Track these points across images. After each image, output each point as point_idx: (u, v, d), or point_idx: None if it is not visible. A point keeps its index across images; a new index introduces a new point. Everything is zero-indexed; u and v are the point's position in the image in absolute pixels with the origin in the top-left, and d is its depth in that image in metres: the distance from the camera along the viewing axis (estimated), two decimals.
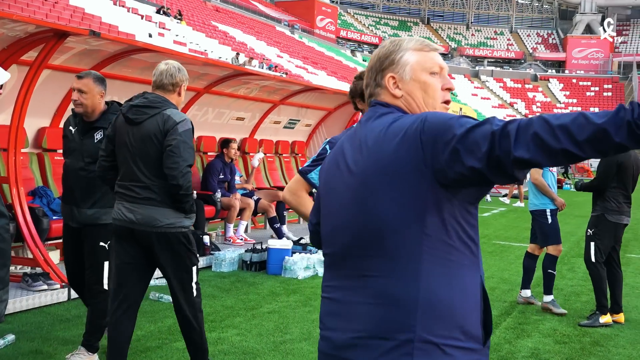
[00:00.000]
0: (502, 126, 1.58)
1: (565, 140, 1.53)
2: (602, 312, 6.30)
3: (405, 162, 1.70)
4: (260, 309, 6.33)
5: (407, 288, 1.71)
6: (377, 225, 1.75)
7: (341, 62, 60.31)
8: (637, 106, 1.49)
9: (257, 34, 50.72)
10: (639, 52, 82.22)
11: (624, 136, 1.48)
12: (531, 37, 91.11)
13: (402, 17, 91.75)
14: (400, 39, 1.97)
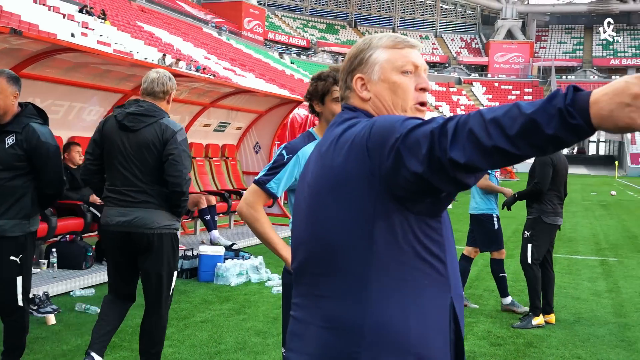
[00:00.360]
0: (442, 124, 1.42)
1: (497, 136, 1.33)
2: (534, 314, 6.38)
3: (352, 172, 1.56)
4: (192, 318, 6.15)
5: (354, 312, 1.56)
6: (327, 241, 1.61)
7: (269, 64, 60.14)
8: (572, 90, 1.30)
9: (184, 35, 50.02)
10: (557, 57, 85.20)
11: (557, 126, 1.28)
12: (455, 41, 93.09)
13: (329, 20, 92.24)
14: (373, 36, 1.83)
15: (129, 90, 9.01)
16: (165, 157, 4.11)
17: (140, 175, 4.14)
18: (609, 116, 1.25)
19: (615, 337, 6.10)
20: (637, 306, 7.36)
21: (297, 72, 64.29)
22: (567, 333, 6.20)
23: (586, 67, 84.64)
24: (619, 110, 1.24)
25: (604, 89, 1.27)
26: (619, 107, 1.24)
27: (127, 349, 5.15)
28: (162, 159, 4.12)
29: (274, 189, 3.00)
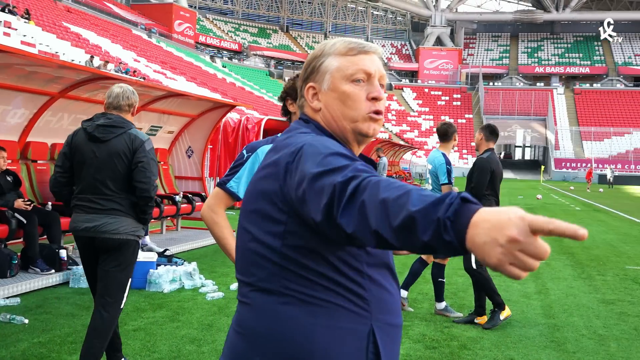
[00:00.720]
0: (345, 181, 1.32)
1: (381, 221, 1.24)
2: (500, 309, 6.55)
3: (269, 187, 1.55)
4: (124, 326, 5.98)
5: (259, 320, 1.56)
6: (244, 251, 1.63)
7: (200, 67, 59.58)
8: (459, 202, 1.17)
9: (112, 36, 49.05)
10: (485, 64, 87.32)
11: (431, 235, 1.18)
12: (386, 47, 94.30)
13: (261, 24, 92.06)
14: (328, 41, 1.76)
15: (56, 92, 8.75)
16: (134, 164, 4.32)
17: (110, 183, 4.33)
18: (480, 247, 1.13)
19: (545, 338, 6.24)
20: (565, 307, 7.56)
21: (229, 76, 63.90)
22: (499, 335, 6.31)
23: (512, 74, 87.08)
24: (490, 246, 1.12)
25: (488, 215, 1.14)
26: (491, 243, 1.11)
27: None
28: (132, 167, 4.33)
29: (234, 188, 2.96)
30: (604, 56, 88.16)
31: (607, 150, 69.31)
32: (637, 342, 6.19)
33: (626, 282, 9.33)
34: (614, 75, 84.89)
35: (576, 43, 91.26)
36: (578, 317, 7.09)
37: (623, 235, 15.61)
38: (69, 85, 8.79)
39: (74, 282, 7.52)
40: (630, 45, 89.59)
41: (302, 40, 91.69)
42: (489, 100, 78.77)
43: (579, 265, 10.68)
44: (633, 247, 13.44)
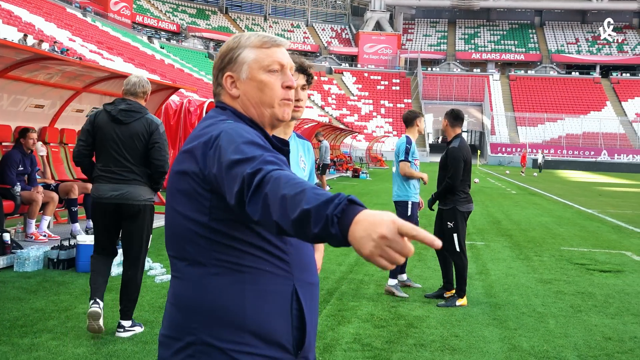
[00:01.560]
0: (251, 173, 1.51)
1: (280, 214, 1.43)
2: (459, 296, 6.86)
3: (191, 169, 1.70)
4: (74, 309, 5.94)
5: (191, 291, 1.71)
6: (173, 228, 1.77)
7: (138, 48, 58.50)
8: (345, 203, 1.39)
9: (46, 14, 47.65)
10: (423, 50, 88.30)
11: (320, 229, 1.38)
12: (326, 31, 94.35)
13: (200, 4, 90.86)
14: (242, 34, 1.90)
15: None
16: (151, 144, 5.14)
17: (130, 158, 5.13)
18: (357, 240, 1.34)
19: (487, 316, 6.48)
20: (505, 287, 7.84)
21: (168, 57, 62.93)
22: (444, 313, 6.52)
23: (450, 60, 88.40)
24: (365, 240, 1.33)
25: (369, 215, 1.35)
26: (367, 237, 1.33)
27: (6, 344, 4.91)
28: (148, 146, 5.15)
29: None
30: (538, 44, 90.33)
31: (541, 135, 71.23)
32: (574, 318, 6.49)
33: (562, 262, 9.72)
34: (548, 62, 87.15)
35: (511, 30, 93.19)
36: (518, 296, 7.37)
37: (557, 218, 16.16)
38: (10, 65, 8.57)
39: (19, 266, 7.40)
40: (563, 34, 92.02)
41: (241, 22, 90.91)
42: (428, 85, 79.85)
43: (517, 247, 11.04)
44: (567, 229, 13.96)
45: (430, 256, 9.71)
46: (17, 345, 4.87)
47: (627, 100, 77.36)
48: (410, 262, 9.12)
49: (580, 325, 6.26)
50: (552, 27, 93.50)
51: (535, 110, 75.50)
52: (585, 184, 35.09)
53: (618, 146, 68.22)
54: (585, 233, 13.36)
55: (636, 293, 7.78)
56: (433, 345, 5.45)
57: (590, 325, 6.28)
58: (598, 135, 69.63)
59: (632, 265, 9.65)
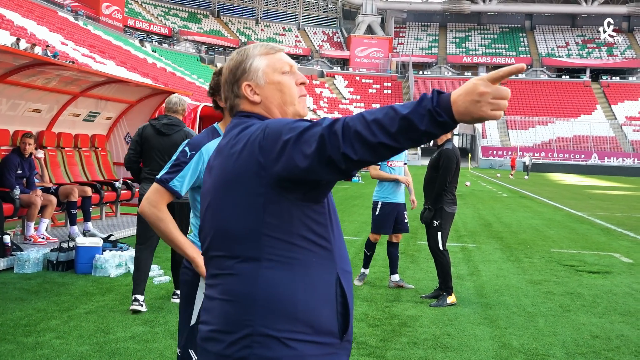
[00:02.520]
0: (329, 126, 1.67)
1: (380, 134, 1.61)
2: (448, 294, 7.04)
3: (244, 167, 1.81)
4: (76, 310, 6.08)
5: (246, 287, 1.80)
6: (224, 228, 1.87)
7: (130, 51, 58.48)
8: (437, 94, 1.60)
9: (38, 18, 47.59)
10: (415, 53, 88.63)
11: (428, 124, 1.58)
12: (317, 34, 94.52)
13: (192, 8, 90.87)
14: (246, 47, 2.06)
15: None
16: None
17: None
18: (465, 111, 1.59)
19: (479, 315, 6.65)
20: (496, 287, 8.02)
21: (159, 61, 62.94)
22: (436, 313, 6.69)
23: (441, 63, 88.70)
24: (472, 105, 1.58)
25: (459, 91, 1.60)
26: (471, 103, 1.58)
27: (11, 342, 5.05)
28: None
29: (178, 187, 2.98)
30: (529, 47, 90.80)
31: (532, 138, 71.59)
32: (562, 318, 6.67)
33: (551, 263, 9.91)
34: (538, 66, 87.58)
35: (502, 34, 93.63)
36: (508, 296, 7.55)
37: (547, 221, 16.37)
38: (9, 71, 8.69)
39: (19, 268, 7.53)
40: (554, 37, 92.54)
41: (233, 25, 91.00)
42: (419, 88, 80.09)
43: (507, 249, 11.23)
44: (557, 231, 14.16)
45: (422, 258, 9.88)
46: (22, 344, 5.01)
47: (617, 104, 77.87)
48: (403, 264, 9.30)
49: (569, 324, 6.44)
50: (542, 31, 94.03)
51: (526, 114, 75.88)
52: (576, 187, 35.38)
53: (608, 149, 68.66)
54: (575, 235, 13.56)
55: (623, 293, 7.97)
56: (426, 343, 5.62)
57: (578, 324, 6.46)
58: (588, 139, 70.06)
59: (620, 267, 9.86)
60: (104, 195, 10.68)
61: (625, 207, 22.35)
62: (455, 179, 7.23)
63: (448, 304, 6.99)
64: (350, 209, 17.36)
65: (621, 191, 33.48)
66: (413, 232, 12.88)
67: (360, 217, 15.30)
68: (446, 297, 7.05)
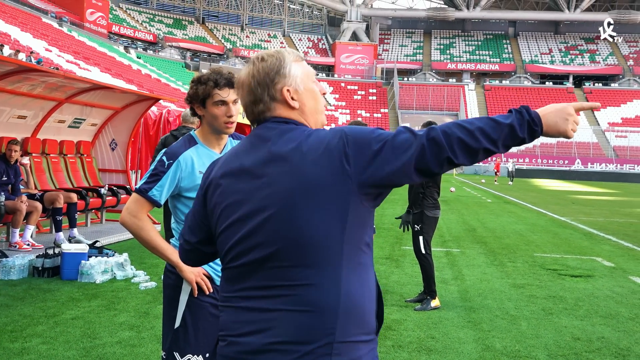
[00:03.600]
0: (426, 135, 1.81)
1: (484, 140, 1.82)
2: (432, 297, 7.16)
3: (328, 175, 1.79)
4: (62, 315, 6.09)
5: (329, 295, 1.78)
6: (302, 237, 1.80)
7: (114, 58, 58.34)
8: (529, 109, 1.88)
9: (22, 24, 47.40)
10: (399, 60, 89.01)
11: (526, 132, 1.84)
12: (302, 41, 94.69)
13: (177, 15, 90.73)
14: (279, 51, 2.03)
15: None
16: None
17: None
18: (554, 125, 1.90)
19: (462, 319, 6.73)
20: (480, 291, 8.10)
21: (144, 67, 62.81)
22: (421, 316, 6.76)
23: (426, 70, 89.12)
24: (561, 121, 1.90)
25: (547, 108, 1.92)
26: (562, 120, 1.90)
27: None
28: None
29: (157, 197, 2.97)
30: (512, 54, 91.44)
31: None
32: (545, 321, 6.76)
33: (534, 268, 10.02)
34: (522, 72, 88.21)
35: (486, 41, 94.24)
36: (492, 300, 7.63)
37: (531, 226, 16.52)
38: None
39: (4, 274, 7.52)
40: (537, 44, 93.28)
41: (218, 32, 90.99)
42: (404, 95, 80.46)
43: (491, 254, 11.33)
44: (540, 236, 14.30)
45: (407, 263, 9.96)
46: (8, 350, 5.03)
47: (599, 110, 78.59)
48: (388, 268, 9.37)
49: (551, 326, 6.54)
50: (525, 38, 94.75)
51: None
52: (559, 193, 35.66)
53: (591, 155, 69.24)
54: (558, 240, 13.70)
55: (604, 296, 8.08)
56: (410, 346, 5.69)
57: (560, 326, 6.55)
58: (572, 145, 70.61)
59: (602, 270, 9.98)
60: (90, 202, 10.68)
61: (608, 212, 22.58)
62: (436, 183, 7.35)
63: (432, 308, 7.07)
64: None
65: (603, 196, 33.79)
66: (398, 237, 12.96)
67: None
68: (430, 300, 7.15)
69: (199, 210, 2.06)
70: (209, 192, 2.01)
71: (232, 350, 1.88)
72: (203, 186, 2.05)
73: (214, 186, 2.00)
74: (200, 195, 2.06)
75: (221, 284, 2.00)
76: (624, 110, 78.61)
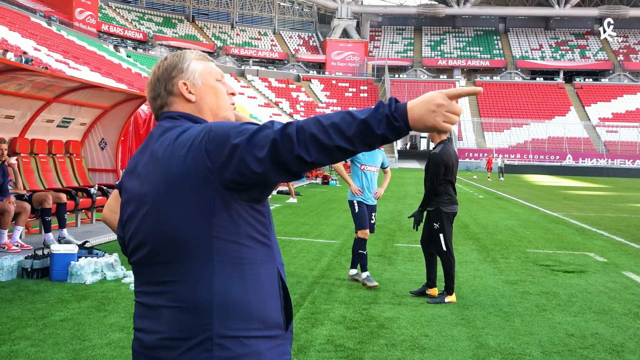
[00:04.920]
0: (281, 129, 1.70)
1: (337, 137, 1.67)
2: (448, 293, 7.28)
3: (191, 171, 1.78)
4: (51, 317, 6.01)
5: (202, 292, 1.80)
6: (171, 234, 1.82)
7: (104, 57, 58.08)
8: (394, 102, 1.70)
9: (10, 24, 47.11)
10: (390, 57, 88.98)
11: (384, 128, 1.67)
12: (293, 39, 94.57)
13: (166, 13, 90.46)
14: (182, 52, 2.09)
15: None
16: None
17: None
18: (420, 119, 1.70)
19: (456, 316, 6.69)
20: (473, 288, 8.07)
21: (134, 66, 62.58)
22: (414, 314, 6.72)
23: (417, 66, 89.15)
24: (427, 114, 1.69)
25: (416, 100, 1.71)
26: (427, 112, 1.69)
27: None
28: None
29: None
30: (503, 50, 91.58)
31: (507, 140, 72.18)
32: (538, 317, 6.73)
33: (527, 264, 9.99)
34: (512, 68, 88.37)
35: (477, 37, 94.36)
36: (485, 297, 7.60)
37: (523, 221, 16.52)
38: None
39: None
40: (527, 40, 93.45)
41: (208, 30, 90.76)
42: (395, 92, 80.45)
43: (484, 250, 11.31)
44: (533, 232, 14.29)
45: (400, 260, 9.92)
46: None
47: (590, 105, 78.82)
48: (381, 265, 9.33)
49: (545, 323, 6.50)
50: (516, 34, 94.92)
51: (501, 116, 76.51)
52: (551, 188, 35.74)
53: (582, 150, 69.42)
54: (550, 235, 13.70)
55: (598, 292, 8.06)
56: (404, 344, 5.64)
57: (554, 323, 6.52)
58: (563, 140, 70.81)
59: (595, 266, 9.97)
60: (79, 202, 10.59)
61: (599, 207, 22.62)
62: (450, 179, 7.42)
63: (446, 303, 7.19)
64: (327, 212, 17.38)
65: (595, 191, 33.87)
66: (390, 234, 12.93)
67: (338, 220, 15.32)
68: (445, 295, 7.27)
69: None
70: (122, 185, 2.05)
71: (136, 344, 1.92)
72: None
73: (123, 181, 2.05)
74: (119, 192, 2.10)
75: None
76: (615, 105, 78.85)
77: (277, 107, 75.17)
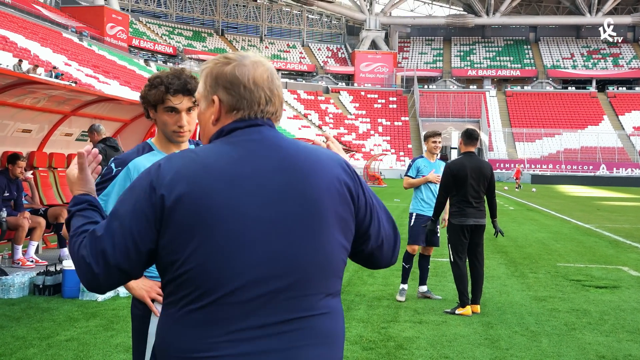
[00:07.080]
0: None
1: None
2: (460, 305, 7.16)
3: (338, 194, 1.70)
4: (56, 337, 5.82)
5: (338, 323, 1.71)
6: (326, 263, 1.67)
7: (135, 71, 58.69)
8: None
9: (42, 40, 47.80)
10: (419, 67, 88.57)
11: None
12: (322, 51, 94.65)
13: (196, 27, 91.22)
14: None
15: None
16: None
17: None
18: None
19: (479, 335, 6.35)
20: (499, 305, 7.72)
21: None
22: (434, 334, 6.39)
23: (446, 77, 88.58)
24: (73, 187, 1.92)
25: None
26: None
27: None
28: None
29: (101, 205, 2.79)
30: (534, 59, 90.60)
31: (539, 150, 71.21)
32: (567, 337, 6.37)
33: (557, 279, 9.59)
34: (544, 77, 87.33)
35: (507, 47, 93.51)
36: (511, 315, 7.25)
37: (554, 234, 16.05)
38: None
39: (4, 293, 7.28)
40: (558, 49, 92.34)
41: (237, 43, 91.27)
42: (424, 102, 79.95)
43: (512, 264, 10.92)
44: (564, 244, 13.84)
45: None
46: None
47: (624, 114, 77.46)
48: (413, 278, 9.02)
49: (574, 343, 6.14)
50: (547, 43, 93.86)
51: (533, 126, 75.57)
52: (584, 199, 35.00)
53: (616, 160, 68.20)
54: (582, 248, 13.24)
55: (632, 309, 7.65)
56: None
57: (584, 343, 6.15)
58: (596, 150, 69.64)
59: (629, 281, 9.53)
60: None
61: (634, 218, 21.99)
62: (459, 191, 7.25)
63: (457, 314, 7.09)
64: None
65: (630, 202, 33.08)
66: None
67: None
68: (456, 308, 7.20)
69: (177, 224, 1.65)
70: (197, 201, 1.63)
71: None
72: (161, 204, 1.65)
73: (197, 195, 1.65)
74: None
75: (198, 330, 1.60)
76: None
77: (306, 119, 75.15)
